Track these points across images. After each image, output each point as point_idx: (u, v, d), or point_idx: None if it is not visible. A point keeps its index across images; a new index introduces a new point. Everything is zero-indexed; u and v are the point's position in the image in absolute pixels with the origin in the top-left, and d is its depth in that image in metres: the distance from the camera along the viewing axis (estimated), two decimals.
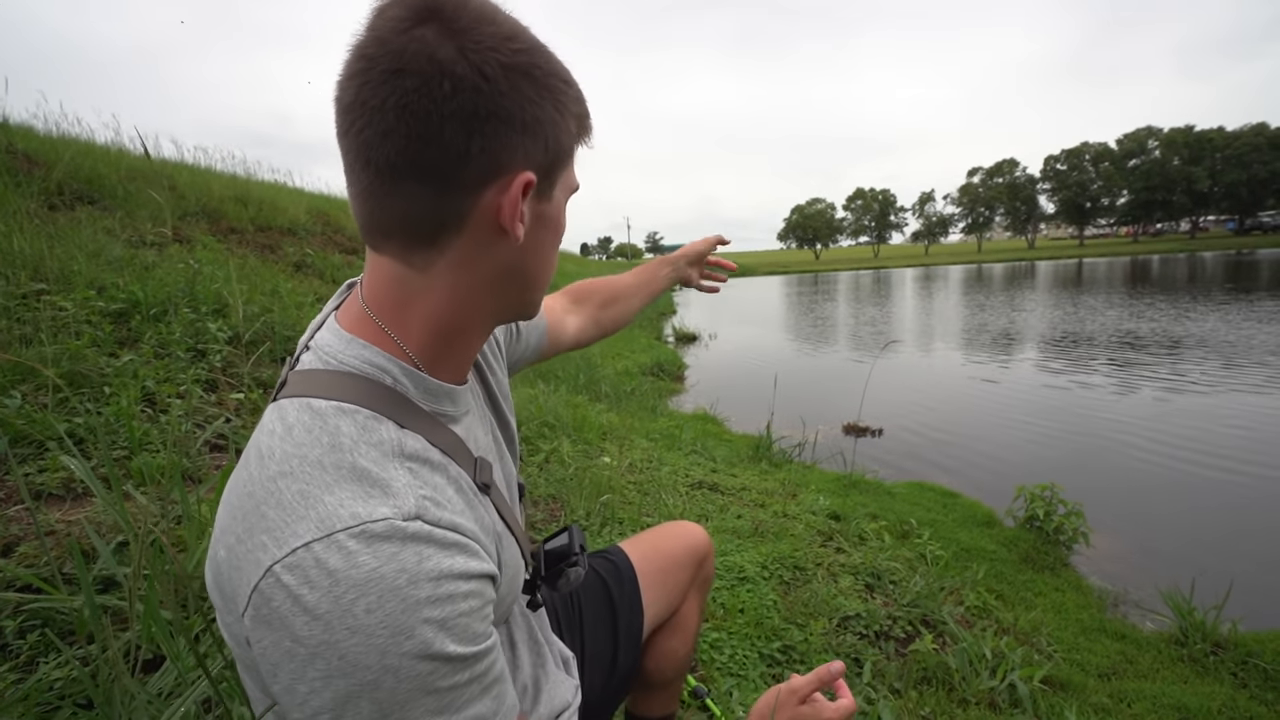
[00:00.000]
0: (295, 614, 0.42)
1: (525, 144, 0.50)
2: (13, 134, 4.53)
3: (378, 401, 0.52)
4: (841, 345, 11.81)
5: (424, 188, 0.48)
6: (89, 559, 1.28)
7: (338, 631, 0.42)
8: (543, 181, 0.53)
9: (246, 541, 0.46)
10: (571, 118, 0.53)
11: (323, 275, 5.33)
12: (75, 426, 1.74)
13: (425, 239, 0.51)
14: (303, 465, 0.47)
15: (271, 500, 0.46)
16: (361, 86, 0.46)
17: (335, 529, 0.44)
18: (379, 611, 0.42)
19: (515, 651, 0.74)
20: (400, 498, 0.47)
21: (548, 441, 3.40)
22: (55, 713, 0.95)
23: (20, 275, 2.56)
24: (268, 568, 0.44)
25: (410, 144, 0.46)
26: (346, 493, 0.46)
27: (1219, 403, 6.06)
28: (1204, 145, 72.12)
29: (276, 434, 0.50)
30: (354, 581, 0.42)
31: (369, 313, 0.55)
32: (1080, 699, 1.93)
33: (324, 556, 0.43)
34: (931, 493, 3.95)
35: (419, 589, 0.44)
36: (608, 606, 1.03)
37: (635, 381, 7.06)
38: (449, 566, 0.46)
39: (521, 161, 0.50)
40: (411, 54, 0.45)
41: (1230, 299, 14.38)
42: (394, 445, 0.50)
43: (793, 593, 2.22)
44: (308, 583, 0.42)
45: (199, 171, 6.65)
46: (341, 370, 0.53)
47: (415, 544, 0.45)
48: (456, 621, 0.45)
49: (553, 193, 0.55)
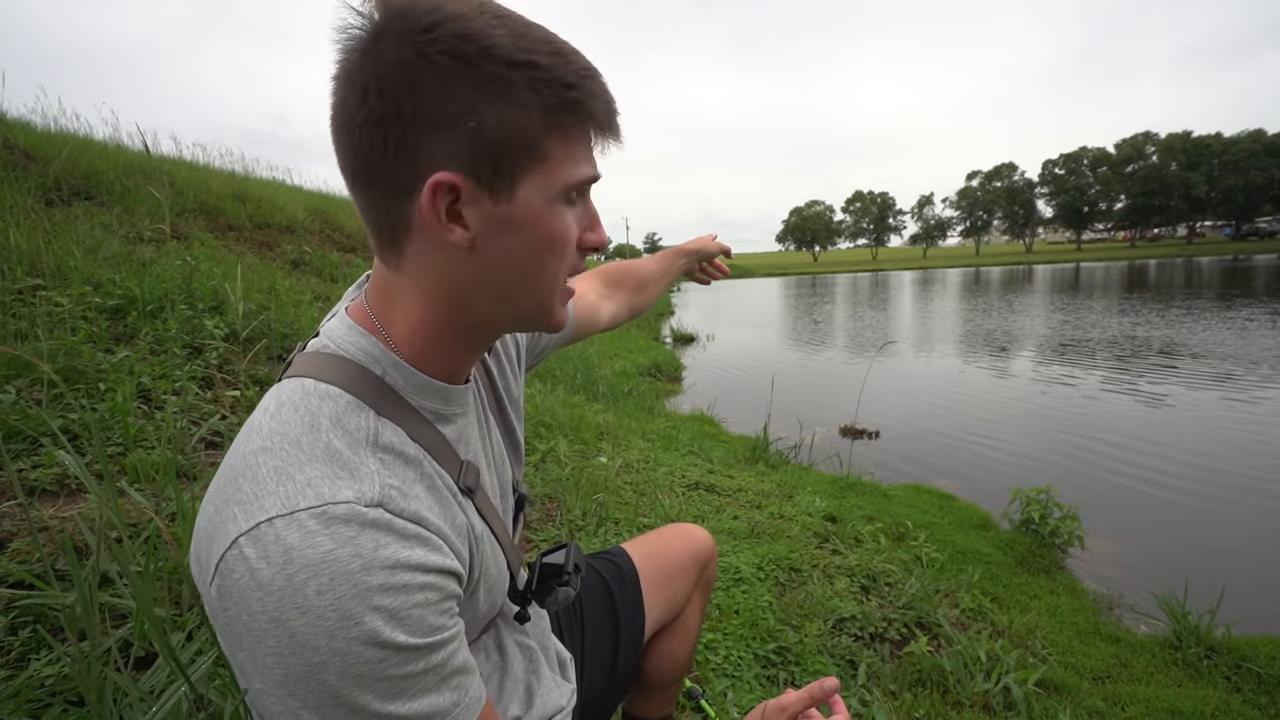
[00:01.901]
0: (252, 588, 0.43)
1: (442, 141, 0.46)
2: (10, 129, 4.52)
3: (364, 389, 0.53)
4: (839, 347, 11.82)
5: (370, 193, 0.50)
6: (82, 555, 1.28)
7: (288, 610, 0.42)
8: (490, 179, 0.48)
9: (222, 512, 0.46)
10: (527, 104, 0.47)
11: (320, 273, 5.32)
12: (70, 422, 1.74)
13: (387, 241, 0.52)
14: (282, 442, 0.48)
15: (249, 474, 0.47)
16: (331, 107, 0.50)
17: (299, 507, 0.44)
18: (329, 594, 0.42)
19: (505, 654, 0.73)
20: (366, 483, 0.47)
21: (544, 441, 3.40)
22: (46, 709, 0.95)
23: (16, 270, 2.55)
24: (234, 539, 0.44)
25: (345, 152, 0.49)
26: (316, 472, 0.46)
27: (1215, 408, 6.08)
28: (1201, 151, 72.35)
29: (269, 411, 0.51)
30: (307, 561, 0.43)
31: (367, 306, 0.57)
32: (1074, 702, 1.93)
33: (284, 533, 0.43)
34: (928, 495, 3.96)
35: (372, 576, 0.44)
36: (609, 608, 1.02)
37: (633, 382, 7.05)
38: (406, 557, 0.46)
39: (441, 161, 0.47)
40: (338, 65, 0.48)
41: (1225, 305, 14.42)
42: (369, 434, 0.51)
43: (788, 594, 2.22)
44: (265, 557, 0.43)
45: (197, 168, 6.64)
46: (338, 354, 0.55)
47: (374, 531, 0.45)
48: (409, 612, 0.45)
49: (513, 192, 0.49)
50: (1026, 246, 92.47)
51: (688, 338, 12.93)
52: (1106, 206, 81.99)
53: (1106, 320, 13.02)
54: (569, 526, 2.45)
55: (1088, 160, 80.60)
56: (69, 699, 0.97)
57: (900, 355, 10.26)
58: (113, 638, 1.03)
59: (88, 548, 1.27)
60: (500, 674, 0.72)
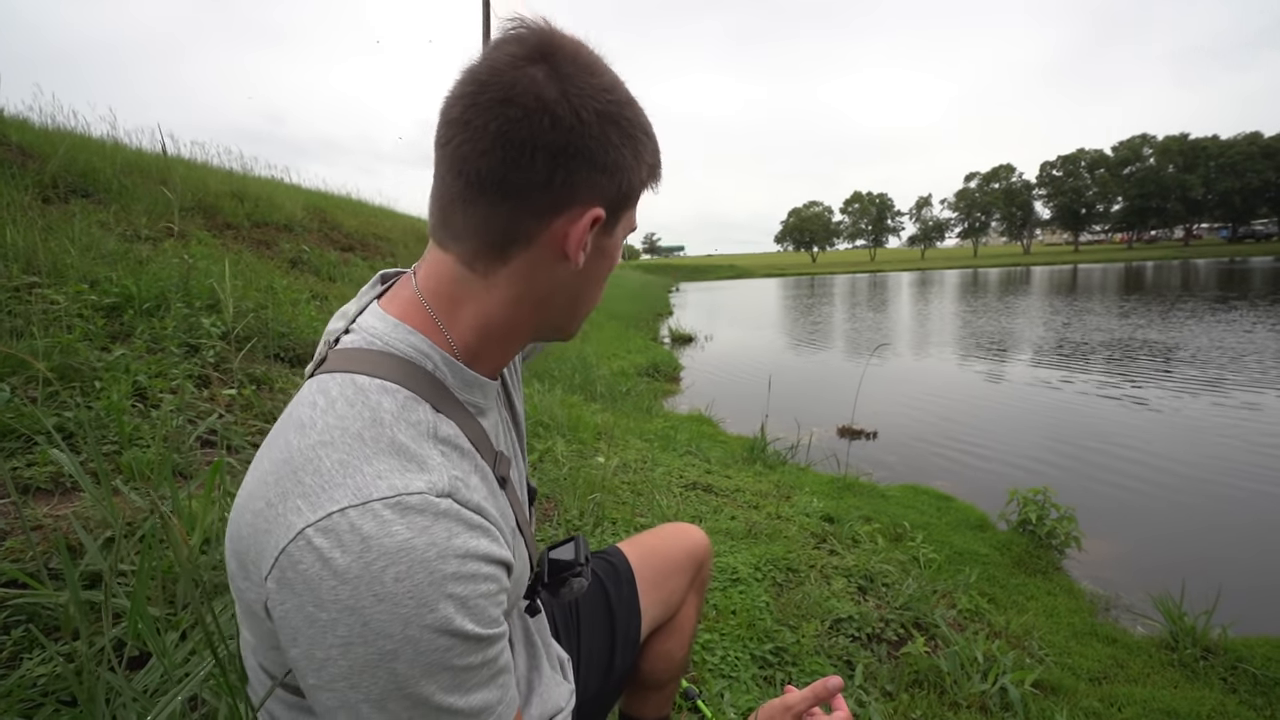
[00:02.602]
0: (323, 577, 0.44)
1: (602, 182, 0.54)
2: (7, 126, 4.50)
3: (418, 384, 0.55)
4: (837, 348, 11.83)
5: (504, 204, 0.53)
6: (76, 554, 1.27)
7: (364, 597, 0.43)
8: (610, 218, 0.57)
9: (278, 505, 0.47)
10: (645, 166, 0.58)
11: (319, 272, 5.31)
12: (65, 421, 1.73)
13: (494, 249, 0.55)
14: (344, 436, 0.49)
15: (309, 468, 0.47)
16: (468, 107, 0.51)
17: (372, 497, 0.46)
18: (407, 581, 0.44)
19: (511, 652, 0.74)
20: (435, 474, 0.49)
21: (542, 441, 3.40)
22: (38, 710, 0.94)
23: (13, 268, 2.54)
24: (300, 530, 0.45)
25: (502, 165, 0.51)
26: (385, 465, 0.48)
27: (1210, 410, 6.09)
28: (1198, 153, 72.52)
29: (319, 406, 0.51)
30: (385, 549, 0.44)
31: (424, 301, 0.58)
32: (1071, 703, 1.93)
33: (359, 522, 0.44)
34: (925, 496, 3.96)
35: (446, 564, 0.45)
36: (605, 608, 1.02)
37: (631, 382, 7.05)
38: (475, 546, 0.48)
39: (596, 198, 0.55)
40: (521, 89, 0.50)
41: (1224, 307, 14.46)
42: (430, 427, 0.53)
43: (785, 594, 2.22)
44: (340, 546, 0.44)
45: (195, 166, 6.62)
46: (386, 351, 0.56)
47: (446, 520, 0.47)
48: (476, 602, 0.47)
49: (615, 229, 0.60)
50: (1024, 248, 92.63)
51: (686, 338, 12.94)
52: (1104, 208, 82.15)
53: (1105, 323, 13.05)
54: (566, 527, 2.45)
55: (1085, 162, 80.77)
56: (61, 699, 0.97)
57: (898, 356, 10.27)
58: (106, 637, 1.03)
59: (81, 546, 1.26)
60: None
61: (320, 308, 4.01)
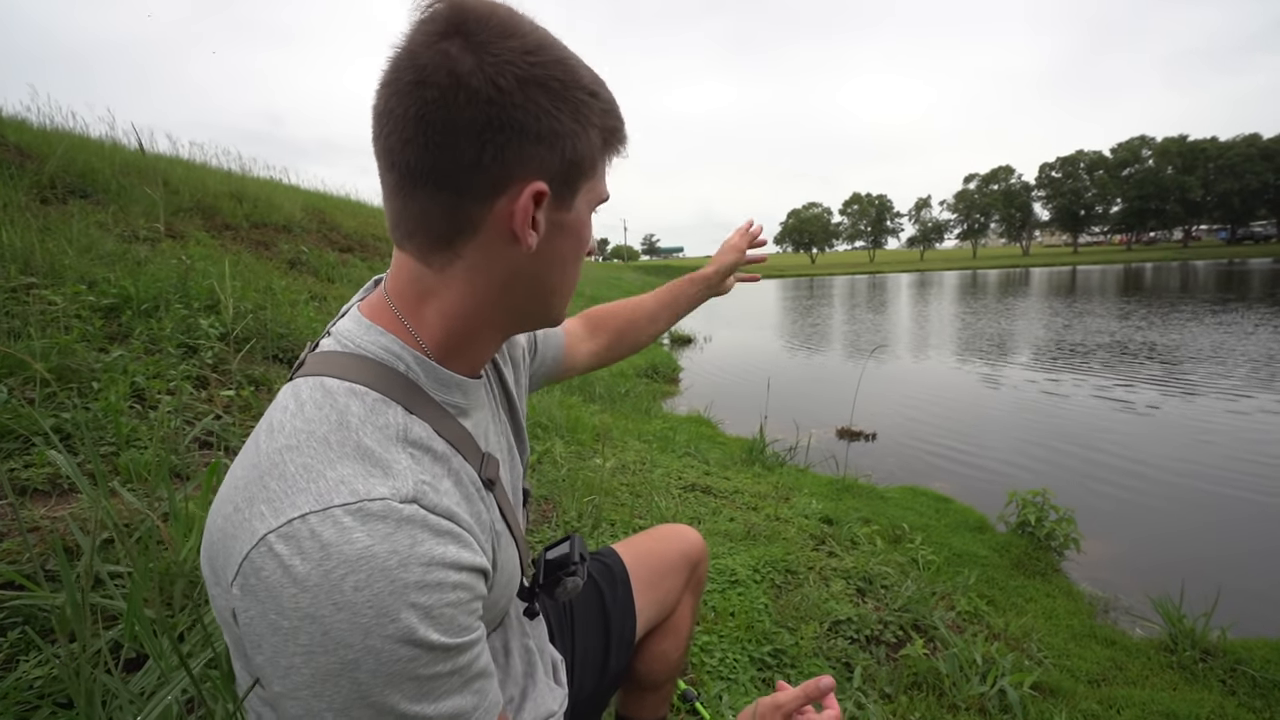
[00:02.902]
0: (284, 584, 0.43)
1: (539, 153, 0.51)
2: (4, 126, 4.50)
3: (389, 386, 0.53)
4: (836, 349, 11.84)
5: (441, 193, 0.51)
6: (72, 556, 1.27)
7: (324, 606, 0.42)
8: (561, 190, 0.53)
9: (244, 510, 0.46)
10: (595, 129, 0.54)
11: (317, 273, 5.31)
12: (62, 422, 1.72)
13: (443, 241, 0.53)
14: (309, 440, 0.48)
15: (275, 472, 0.47)
16: (390, 95, 0.49)
17: (333, 503, 0.44)
18: (366, 590, 0.43)
19: (510, 659, 0.73)
20: (399, 480, 0.48)
21: (541, 442, 3.39)
22: (34, 712, 0.94)
23: (10, 268, 2.53)
24: (262, 536, 0.44)
25: (428, 152, 0.49)
26: (348, 469, 0.47)
27: (1209, 412, 6.10)
28: (1197, 155, 72.63)
29: (289, 410, 0.51)
30: (345, 557, 0.43)
31: (390, 303, 0.57)
32: (1070, 705, 1.93)
33: (319, 529, 0.43)
34: (924, 497, 3.96)
35: (408, 572, 0.44)
36: (600, 609, 1.02)
37: (630, 383, 7.05)
38: (440, 554, 0.46)
39: (535, 171, 0.51)
40: (434, 67, 0.47)
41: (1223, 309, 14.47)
42: (399, 430, 0.51)
43: (784, 596, 2.22)
44: (300, 553, 0.43)
45: (194, 167, 6.62)
46: (357, 353, 0.55)
47: (410, 527, 0.46)
48: (442, 611, 0.45)
49: (573, 202, 0.56)
50: (1023, 249, 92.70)
51: (685, 339, 12.93)
52: (1103, 210, 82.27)
53: (1104, 325, 13.06)
54: (564, 528, 2.44)
55: (1084, 164, 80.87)
56: (58, 701, 0.96)
57: (897, 358, 10.28)
58: (103, 639, 1.03)
59: (78, 548, 1.26)
60: (503, 676, 0.72)
61: (319, 308, 4.01)
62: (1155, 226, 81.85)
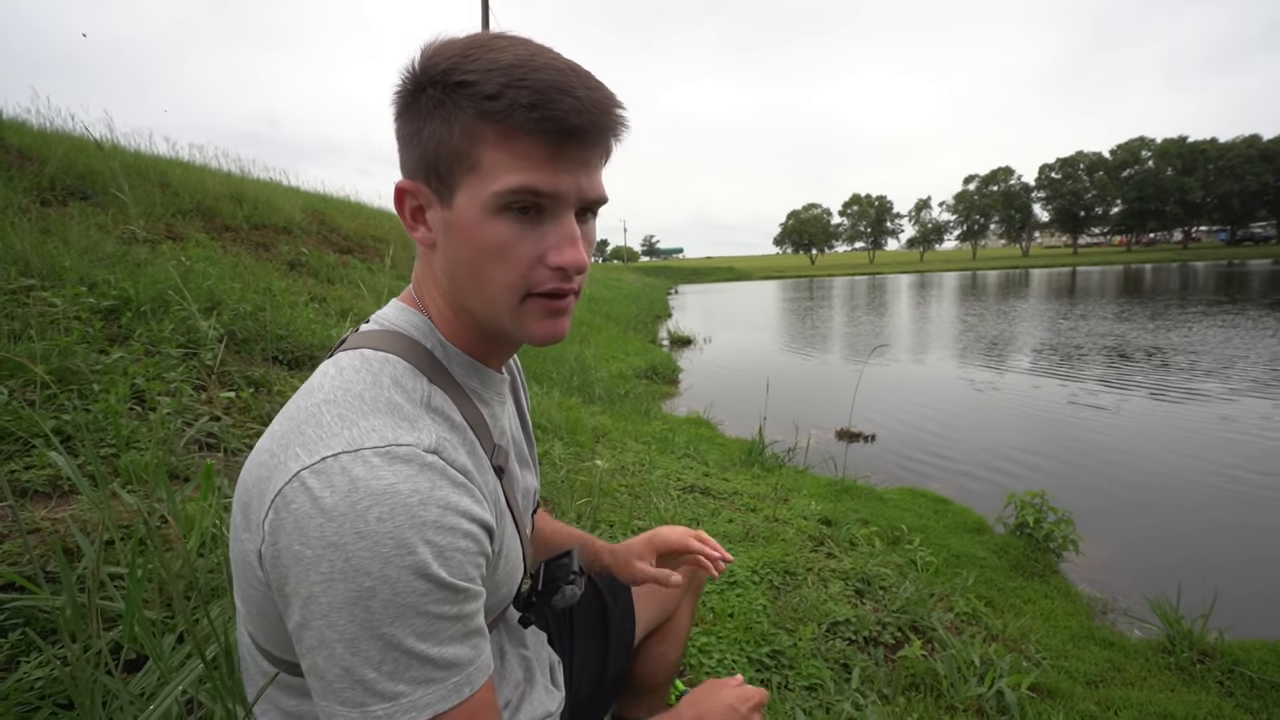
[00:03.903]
0: (312, 514, 0.46)
1: (406, 156, 0.57)
2: (4, 129, 4.50)
3: (416, 357, 0.60)
4: (836, 350, 11.84)
5: None
6: (73, 557, 1.27)
7: (347, 534, 0.45)
8: (438, 188, 0.55)
9: (280, 454, 0.50)
10: (464, 119, 0.51)
11: (317, 274, 5.31)
12: (63, 423, 1.73)
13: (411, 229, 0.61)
14: (345, 396, 0.53)
15: (312, 421, 0.51)
16: None
17: (364, 446, 0.49)
18: (389, 522, 0.46)
19: (505, 661, 0.74)
20: (424, 432, 0.53)
21: (540, 443, 3.40)
22: (35, 713, 0.94)
23: (10, 271, 2.54)
24: (295, 473, 0.48)
25: None
26: (380, 420, 0.51)
27: (1209, 413, 6.10)
28: (1197, 156, 72.63)
29: (329, 374, 0.56)
30: (371, 490, 0.47)
31: (412, 291, 0.65)
32: (1068, 706, 1.93)
33: (349, 465, 0.48)
34: (923, 499, 3.96)
35: (427, 511, 0.48)
36: (600, 612, 1.03)
37: (629, 384, 7.05)
38: (456, 501, 0.50)
39: (407, 173, 0.58)
40: None
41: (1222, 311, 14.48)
42: (423, 395, 0.57)
43: (783, 597, 2.22)
44: (330, 486, 0.47)
45: (194, 168, 6.62)
46: (392, 329, 0.62)
47: (431, 472, 0.50)
48: (453, 554, 0.49)
49: (452, 200, 0.54)
50: (1023, 250, 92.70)
51: (684, 340, 12.93)
52: (1103, 211, 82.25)
53: (1103, 326, 13.06)
54: None
55: (1084, 165, 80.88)
56: (58, 702, 0.97)
57: (896, 359, 10.28)
58: (103, 640, 1.03)
59: (79, 549, 1.27)
60: (499, 679, 0.73)
61: (319, 310, 4.01)
62: (1155, 228, 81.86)
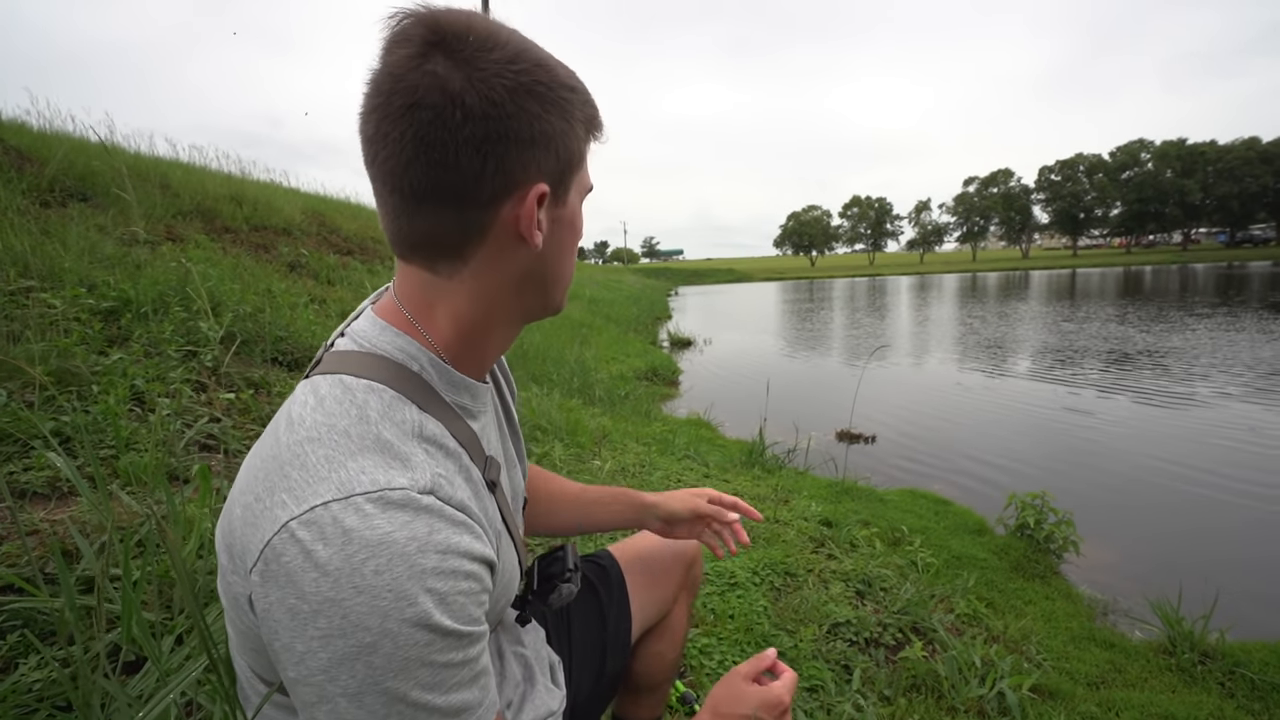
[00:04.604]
0: (305, 569, 0.44)
1: (537, 158, 0.53)
2: (4, 130, 4.50)
3: (404, 384, 0.55)
4: (836, 352, 11.84)
5: (446, 208, 0.52)
6: (72, 559, 1.27)
7: (344, 589, 0.43)
8: (557, 188, 0.55)
9: (266, 499, 0.47)
10: (579, 123, 0.56)
11: (317, 276, 5.31)
12: (62, 425, 1.73)
13: (450, 251, 0.55)
14: (330, 433, 0.49)
15: (297, 462, 0.48)
16: (381, 120, 0.50)
17: (355, 492, 0.46)
18: (387, 574, 0.44)
19: (504, 661, 0.74)
20: (418, 471, 0.50)
21: (540, 445, 3.40)
22: (33, 715, 0.94)
23: (10, 272, 2.54)
24: (284, 523, 0.45)
25: (431, 170, 0.50)
26: (369, 461, 0.48)
27: (1208, 415, 6.10)
28: (1196, 158, 72.76)
29: (309, 405, 0.52)
30: (366, 541, 0.44)
31: (401, 308, 0.59)
32: (1069, 707, 1.93)
33: (341, 515, 0.45)
34: (923, 500, 3.96)
35: (426, 558, 0.46)
36: (596, 610, 1.03)
37: (629, 386, 7.05)
38: (456, 543, 0.48)
39: (535, 174, 0.53)
40: (425, 88, 0.48)
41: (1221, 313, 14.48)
42: (414, 426, 0.53)
43: (783, 599, 2.22)
44: (322, 539, 0.44)
45: (194, 170, 6.62)
46: (374, 352, 0.57)
47: (427, 516, 0.47)
48: (455, 599, 0.47)
49: (567, 197, 0.58)
50: (1023, 252, 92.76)
51: (685, 342, 12.93)
52: (1102, 213, 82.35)
53: (1103, 328, 13.07)
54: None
55: (1084, 167, 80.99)
56: (57, 704, 0.96)
57: (897, 361, 10.28)
58: (102, 642, 1.03)
59: (78, 551, 1.26)
60: (500, 680, 0.73)
61: (319, 311, 4.01)
62: (1154, 229, 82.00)
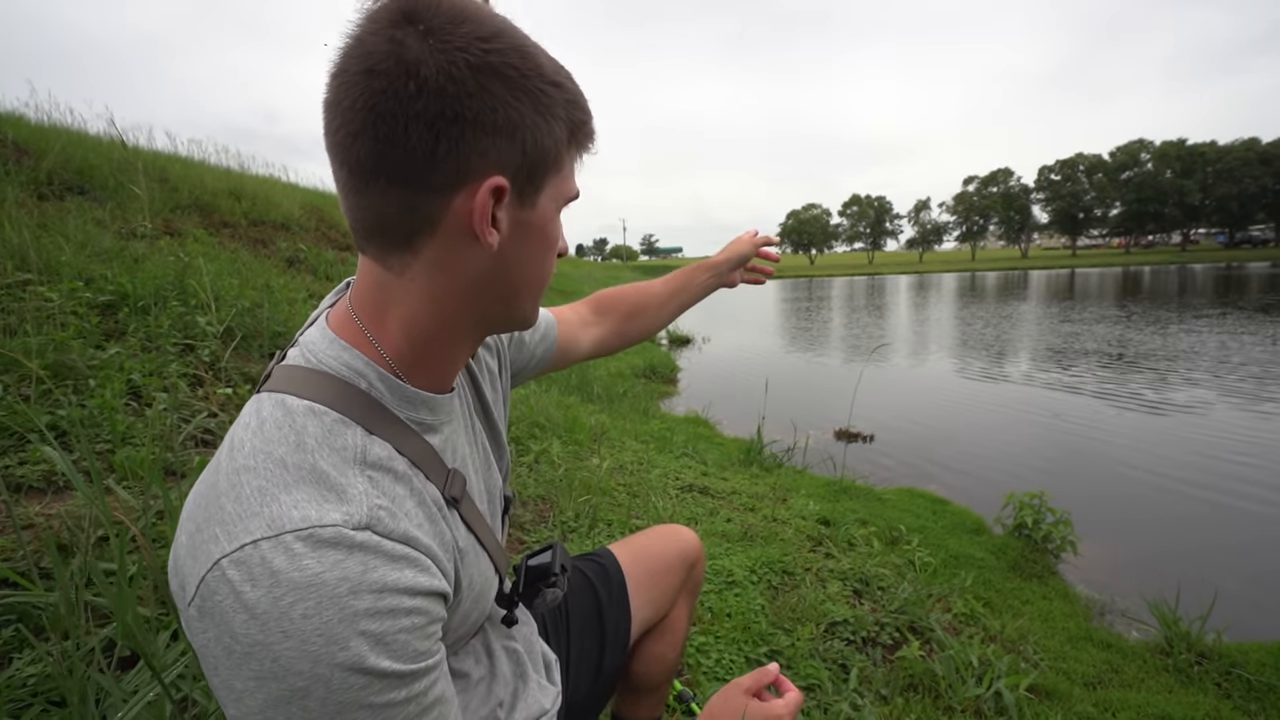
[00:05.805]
0: (235, 610, 0.42)
1: (498, 146, 0.48)
2: (2, 122, 4.48)
3: (349, 405, 0.52)
4: (834, 351, 11.84)
5: (394, 189, 0.48)
6: (67, 553, 1.26)
7: (273, 633, 0.41)
8: (524, 186, 0.51)
9: (203, 531, 0.45)
10: (559, 122, 0.51)
11: (315, 271, 5.30)
12: (58, 419, 1.72)
13: (400, 241, 0.51)
14: (266, 462, 0.47)
15: (231, 493, 0.46)
16: (338, 86, 0.47)
17: (284, 529, 0.44)
18: (315, 618, 0.42)
19: (493, 659, 0.73)
20: (354, 505, 0.46)
21: (538, 442, 3.39)
22: (27, 710, 0.93)
23: (6, 265, 2.53)
24: (216, 560, 0.43)
25: (379, 145, 0.46)
26: (302, 494, 0.46)
27: (1206, 417, 6.11)
28: (1196, 159, 72.88)
29: (250, 427, 0.49)
30: (294, 584, 0.42)
31: (353, 314, 0.55)
32: (1066, 707, 1.93)
33: (270, 556, 0.43)
34: (921, 499, 3.96)
35: (359, 600, 0.43)
36: (595, 609, 1.02)
37: (628, 383, 7.05)
38: (394, 580, 0.45)
39: (493, 165, 0.49)
40: (382, 54, 0.45)
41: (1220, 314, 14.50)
42: (357, 452, 0.50)
43: (781, 598, 2.21)
44: (251, 580, 0.42)
45: (192, 164, 6.60)
46: (319, 370, 0.53)
47: (361, 554, 0.45)
48: (395, 637, 0.45)
49: (537, 199, 0.53)
50: (1022, 252, 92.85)
51: (683, 340, 12.93)
52: (1102, 213, 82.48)
53: (1103, 329, 13.08)
54: (561, 528, 2.44)
55: (1084, 167, 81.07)
56: (50, 699, 0.96)
57: (895, 360, 10.29)
58: (96, 637, 1.02)
59: (73, 546, 1.26)
60: (489, 679, 0.72)
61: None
62: (1153, 230, 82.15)
